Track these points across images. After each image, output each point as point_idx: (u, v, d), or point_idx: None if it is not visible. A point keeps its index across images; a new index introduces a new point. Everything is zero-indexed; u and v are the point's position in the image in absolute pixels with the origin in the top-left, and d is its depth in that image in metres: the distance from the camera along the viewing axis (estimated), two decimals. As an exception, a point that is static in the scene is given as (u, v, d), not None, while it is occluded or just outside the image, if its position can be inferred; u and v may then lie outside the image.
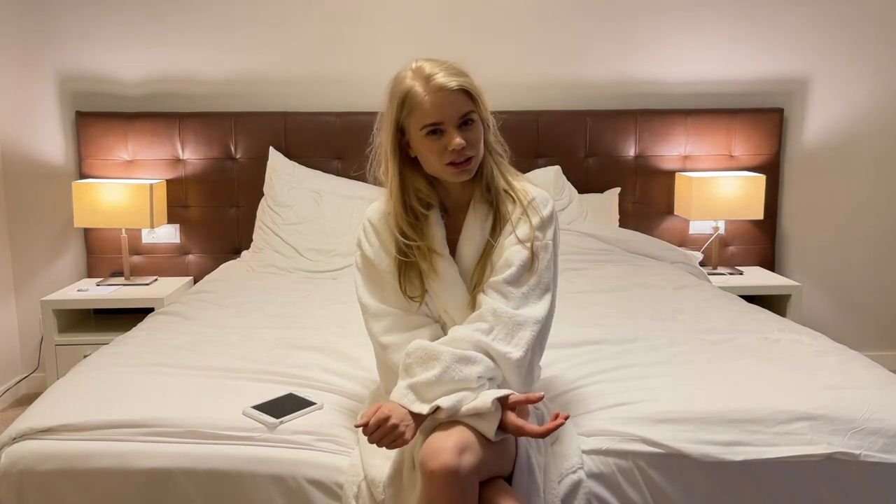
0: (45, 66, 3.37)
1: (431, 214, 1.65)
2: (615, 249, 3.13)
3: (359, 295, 1.67)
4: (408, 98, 1.55)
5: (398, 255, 1.62)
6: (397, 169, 1.62)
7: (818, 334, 2.21)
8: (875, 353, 3.58)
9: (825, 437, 1.61)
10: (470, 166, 1.58)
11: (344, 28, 3.43)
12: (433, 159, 1.57)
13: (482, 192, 1.64)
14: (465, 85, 1.54)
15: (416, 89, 1.55)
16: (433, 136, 1.55)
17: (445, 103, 1.53)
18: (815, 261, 3.68)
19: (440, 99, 1.53)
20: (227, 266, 3.20)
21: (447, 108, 1.54)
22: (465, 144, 1.54)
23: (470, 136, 1.56)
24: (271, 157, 3.35)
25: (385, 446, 1.42)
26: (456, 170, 1.57)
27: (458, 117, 1.55)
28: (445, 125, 1.54)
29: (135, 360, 1.98)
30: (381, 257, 1.65)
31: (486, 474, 1.42)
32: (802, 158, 3.61)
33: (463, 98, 1.55)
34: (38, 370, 3.46)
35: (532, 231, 1.59)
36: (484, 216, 1.64)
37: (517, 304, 1.55)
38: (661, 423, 1.62)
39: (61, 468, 1.56)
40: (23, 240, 3.46)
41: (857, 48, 3.53)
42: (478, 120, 1.58)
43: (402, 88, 1.57)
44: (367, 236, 1.68)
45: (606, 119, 3.47)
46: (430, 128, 1.55)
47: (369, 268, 1.67)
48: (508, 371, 1.51)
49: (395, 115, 1.58)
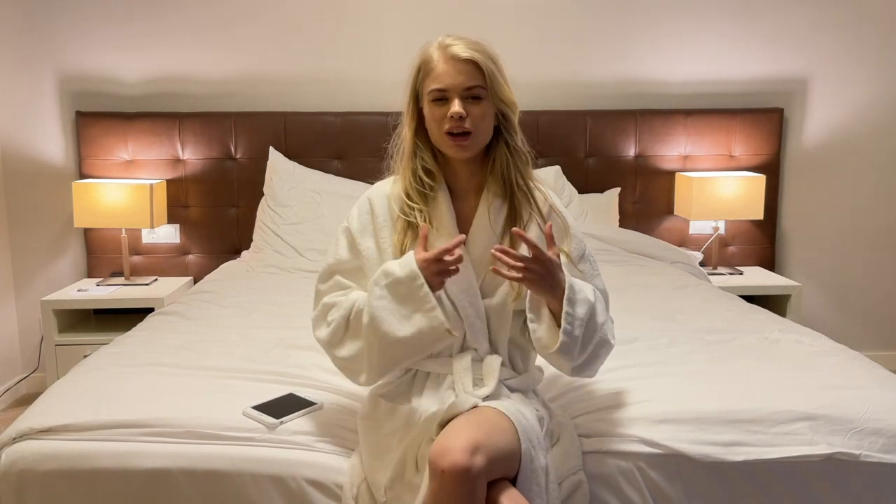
0: (45, 66, 3.37)
1: (440, 194, 1.64)
2: (615, 249, 3.13)
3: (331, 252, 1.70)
4: (423, 63, 1.60)
5: (400, 213, 1.63)
6: (412, 134, 1.64)
7: (818, 334, 2.21)
8: (875, 353, 3.58)
9: (825, 438, 1.61)
10: (467, 142, 1.57)
11: (344, 28, 3.43)
12: (435, 127, 1.59)
13: (496, 182, 1.63)
14: (476, 58, 1.55)
15: (433, 55, 1.58)
16: (438, 104, 1.57)
17: (454, 72, 1.55)
18: (815, 261, 3.68)
19: (450, 67, 1.55)
20: (227, 266, 3.20)
21: (454, 77, 1.55)
22: (465, 115, 1.55)
23: (474, 110, 1.56)
24: (271, 157, 3.35)
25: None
26: (453, 142, 1.57)
27: (463, 88, 1.55)
28: (450, 93, 1.56)
29: (135, 360, 1.98)
30: (366, 239, 1.65)
31: (493, 475, 1.42)
32: (802, 158, 3.61)
33: (473, 70, 1.55)
34: (38, 370, 3.46)
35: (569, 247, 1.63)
36: (497, 208, 1.63)
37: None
38: (660, 424, 1.62)
39: (61, 468, 1.56)
40: (23, 240, 3.46)
41: (857, 48, 3.54)
42: (486, 99, 1.57)
43: (423, 55, 1.61)
44: (359, 213, 1.69)
45: (606, 119, 3.48)
46: (436, 94, 1.57)
47: (352, 245, 1.67)
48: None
49: (413, 81, 1.62)
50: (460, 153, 1.60)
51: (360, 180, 3.30)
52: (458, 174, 1.66)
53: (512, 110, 1.62)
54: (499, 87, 1.58)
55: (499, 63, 1.60)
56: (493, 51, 1.60)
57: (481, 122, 1.57)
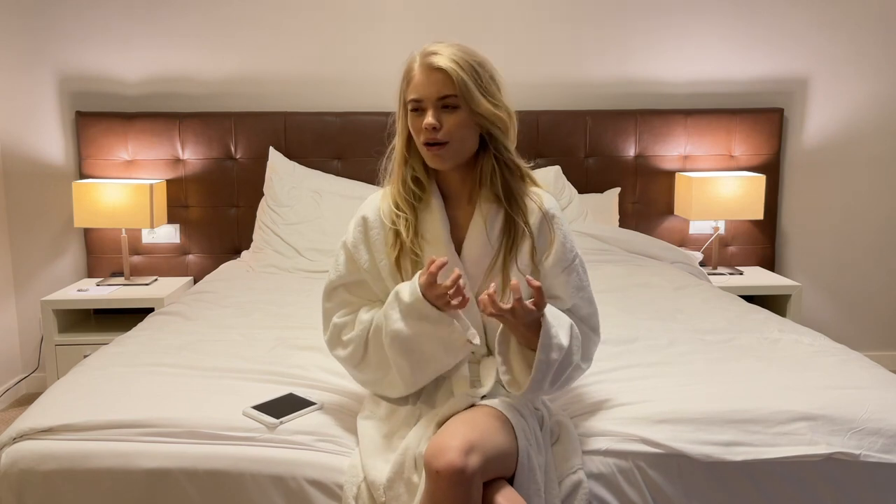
0: (45, 66, 3.38)
1: (433, 201, 1.65)
2: (615, 249, 3.13)
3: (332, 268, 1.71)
4: (406, 72, 1.59)
5: (388, 223, 1.64)
6: (403, 142, 1.64)
7: (818, 334, 2.21)
8: (875, 353, 3.58)
9: (825, 438, 1.61)
10: (442, 152, 1.56)
11: (344, 28, 3.43)
12: (415, 137, 1.59)
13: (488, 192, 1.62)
14: (448, 68, 1.52)
15: (414, 64, 1.57)
16: (416, 114, 1.57)
17: (427, 81, 1.54)
18: (815, 261, 3.68)
19: (425, 77, 1.54)
20: (228, 266, 3.20)
21: (427, 87, 1.54)
22: (438, 126, 1.54)
23: (448, 119, 1.54)
24: (271, 157, 3.35)
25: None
26: (430, 153, 1.57)
27: (436, 98, 1.54)
28: (425, 103, 1.55)
29: (135, 360, 1.98)
30: (361, 252, 1.66)
31: (490, 475, 1.42)
32: (802, 158, 3.61)
33: (446, 79, 1.53)
34: (38, 370, 3.46)
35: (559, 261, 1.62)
36: (493, 215, 1.63)
37: None
38: (660, 424, 1.62)
39: (61, 468, 1.56)
40: (23, 240, 3.46)
41: (857, 48, 3.54)
42: (462, 108, 1.54)
43: (407, 63, 1.60)
44: (354, 229, 1.70)
45: (606, 119, 3.48)
46: (413, 104, 1.56)
47: (350, 260, 1.69)
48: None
49: (402, 88, 1.61)
50: (437, 163, 1.59)
51: (360, 180, 3.30)
52: (450, 181, 1.66)
53: (494, 123, 1.56)
54: (473, 99, 1.53)
55: (481, 72, 1.55)
56: (477, 59, 1.56)
57: (457, 132, 1.55)
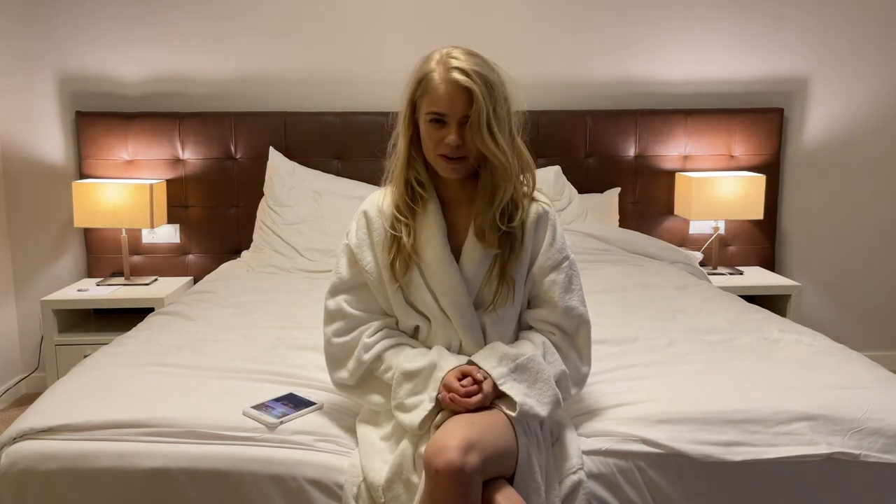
0: (45, 66, 3.37)
1: (431, 205, 1.65)
2: (615, 249, 3.13)
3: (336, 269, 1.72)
4: (425, 80, 1.57)
5: (389, 228, 1.64)
6: (406, 144, 1.63)
7: (818, 334, 2.21)
8: (875, 353, 3.58)
9: (825, 438, 1.61)
10: (458, 166, 1.58)
11: (344, 28, 3.43)
12: (430, 146, 1.59)
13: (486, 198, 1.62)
14: (475, 92, 1.52)
15: (435, 74, 1.56)
16: (435, 125, 1.57)
17: (455, 98, 1.54)
18: (815, 261, 3.68)
19: (451, 92, 1.54)
20: (228, 266, 3.20)
21: (455, 103, 1.54)
22: (462, 143, 1.55)
23: (467, 136, 1.56)
24: (271, 157, 3.35)
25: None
26: (447, 165, 1.59)
27: (462, 115, 1.55)
28: (449, 118, 1.55)
29: (135, 360, 1.98)
30: (365, 254, 1.67)
31: (489, 474, 1.42)
32: (802, 158, 3.61)
33: (470, 100, 1.53)
34: (38, 370, 3.46)
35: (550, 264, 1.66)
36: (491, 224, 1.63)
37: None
38: (660, 424, 1.62)
39: (61, 468, 1.56)
40: (23, 240, 3.46)
41: (857, 48, 3.54)
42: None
43: (424, 69, 1.58)
44: (357, 228, 1.70)
45: (606, 119, 3.48)
46: (435, 116, 1.56)
47: (352, 262, 1.69)
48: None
49: (412, 91, 1.60)
50: (452, 175, 1.61)
51: (360, 180, 3.30)
52: (449, 186, 1.67)
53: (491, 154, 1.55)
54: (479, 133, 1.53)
55: (497, 95, 1.54)
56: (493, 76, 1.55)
57: (474, 147, 1.56)
